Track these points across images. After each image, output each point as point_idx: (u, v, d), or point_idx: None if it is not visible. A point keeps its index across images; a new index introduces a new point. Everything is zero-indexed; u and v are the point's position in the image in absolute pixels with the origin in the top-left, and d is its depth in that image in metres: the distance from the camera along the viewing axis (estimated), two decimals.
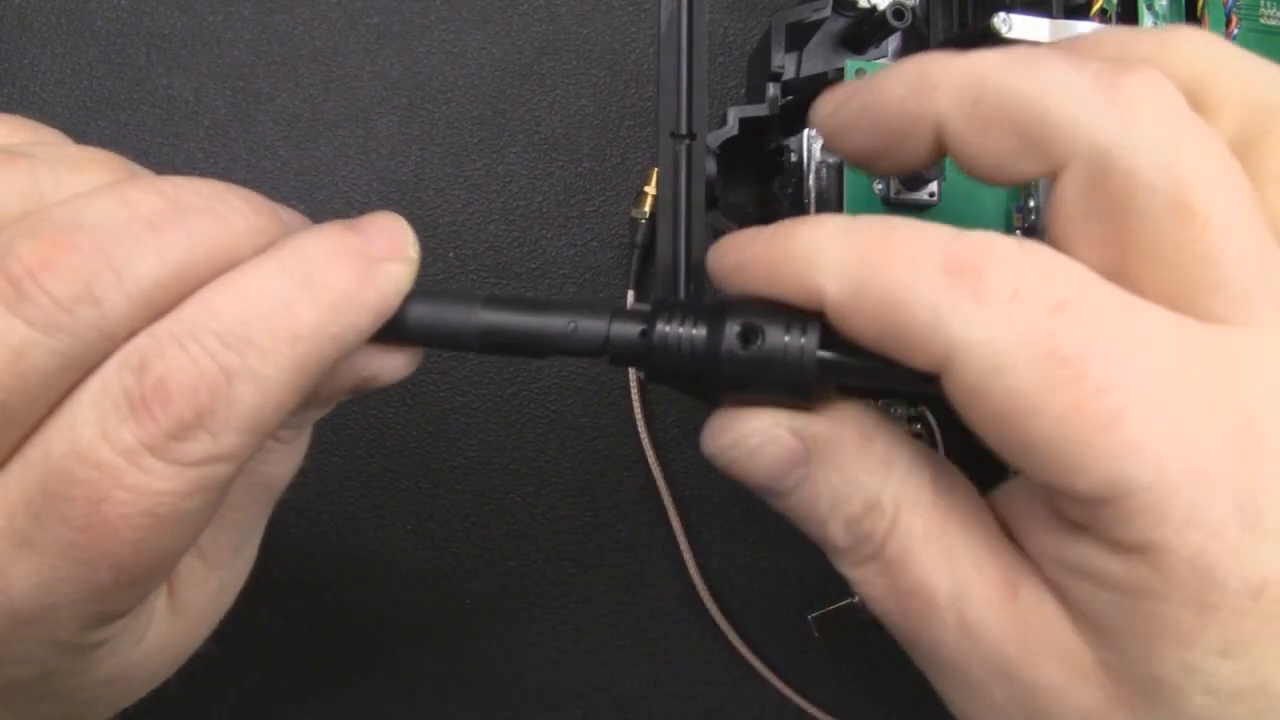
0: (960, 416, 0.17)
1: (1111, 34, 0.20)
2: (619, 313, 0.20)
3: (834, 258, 0.17)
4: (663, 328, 0.19)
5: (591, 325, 0.19)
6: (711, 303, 0.19)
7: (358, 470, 0.36)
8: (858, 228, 0.17)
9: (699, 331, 0.19)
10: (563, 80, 0.37)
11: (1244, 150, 0.18)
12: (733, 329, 0.18)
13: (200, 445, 0.16)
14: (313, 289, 0.17)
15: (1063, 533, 0.17)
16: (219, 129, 0.36)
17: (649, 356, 0.19)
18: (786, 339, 0.18)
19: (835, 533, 0.19)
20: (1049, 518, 0.18)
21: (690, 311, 0.19)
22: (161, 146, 0.36)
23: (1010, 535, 0.19)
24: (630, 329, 0.19)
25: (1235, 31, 0.30)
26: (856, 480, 0.19)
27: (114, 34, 0.36)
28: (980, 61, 0.18)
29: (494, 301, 0.19)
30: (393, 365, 0.20)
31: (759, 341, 0.18)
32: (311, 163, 0.36)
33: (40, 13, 0.36)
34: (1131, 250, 0.17)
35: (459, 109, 0.37)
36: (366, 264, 0.18)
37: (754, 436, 0.19)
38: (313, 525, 0.36)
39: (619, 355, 0.19)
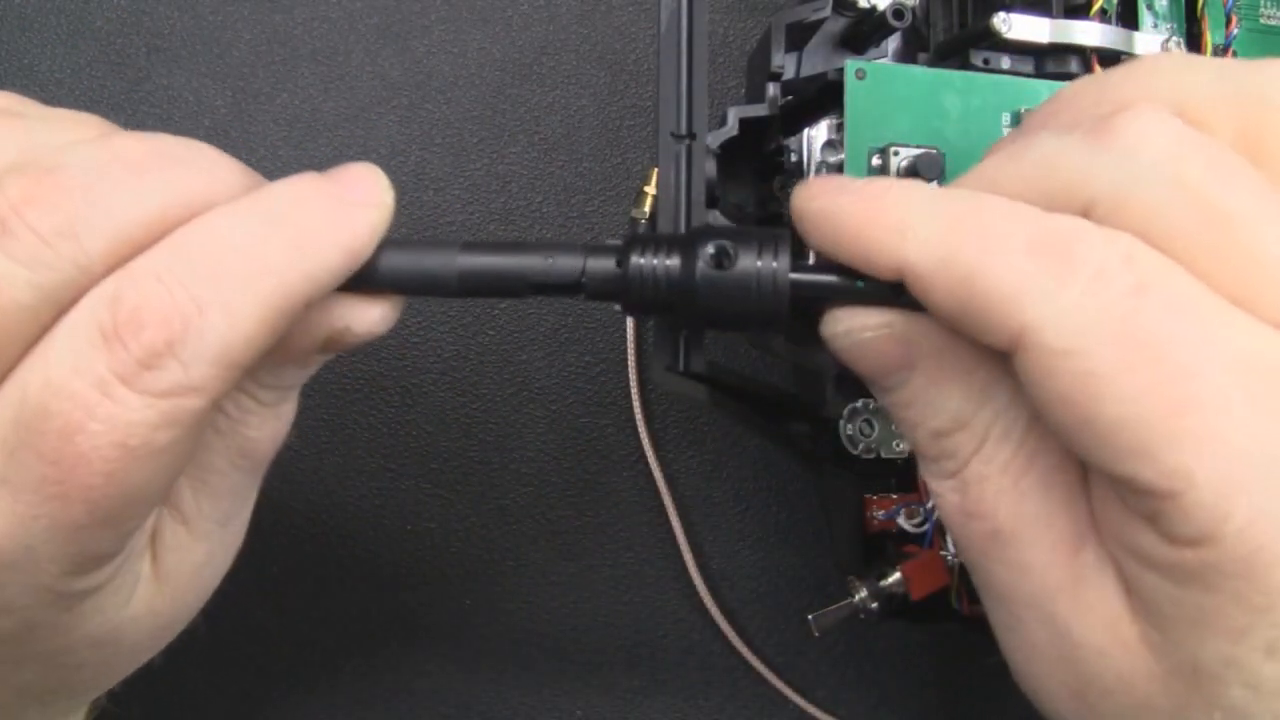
0: (1030, 397, 0.17)
1: (1084, 86, 0.20)
2: (594, 248, 0.20)
3: (922, 226, 0.17)
4: (637, 259, 0.19)
5: (567, 261, 0.20)
6: (683, 233, 0.20)
7: (358, 470, 0.36)
8: (947, 198, 0.18)
9: (673, 260, 0.19)
10: (563, 80, 0.37)
11: (1250, 152, 0.18)
12: (706, 251, 0.19)
13: (170, 375, 0.17)
14: (284, 226, 0.18)
15: (1123, 511, 0.17)
16: (219, 129, 0.36)
17: (625, 289, 0.20)
18: (759, 263, 0.19)
19: (922, 440, 0.19)
20: (1111, 495, 0.17)
21: (664, 242, 0.20)
22: None
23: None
24: (605, 262, 0.20)
25: (1235, 31, 0.30)
26: (951, 398, 0.19)
27: (114, 34, 0.36)
28: (987, 170, 0.19)
29: (471, 246, 0.20)
30: (366, 317, 0.20)
31: (731, 264, 0.19)
32: (311, 163, 0.36)
33: (40, 13, 0.36)
34: None
35: (459, 109, 0.37)
36: (338, 205, 0.19)
37: (865, 331, 0.19)
38: (313, 525, 0.35)
39: (596, 289, 0.20)
